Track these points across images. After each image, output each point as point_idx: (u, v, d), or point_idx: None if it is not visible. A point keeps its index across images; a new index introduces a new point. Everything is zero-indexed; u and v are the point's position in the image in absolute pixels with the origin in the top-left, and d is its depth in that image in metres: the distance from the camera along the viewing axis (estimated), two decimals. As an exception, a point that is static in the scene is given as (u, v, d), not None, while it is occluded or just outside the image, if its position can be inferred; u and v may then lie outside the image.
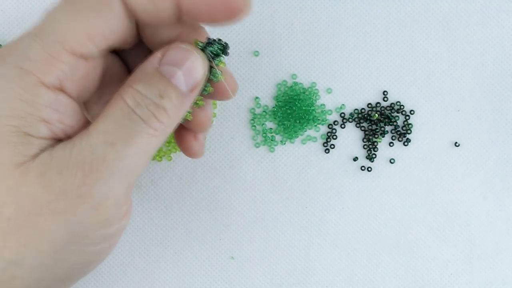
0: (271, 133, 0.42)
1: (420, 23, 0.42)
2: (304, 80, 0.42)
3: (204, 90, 0.30)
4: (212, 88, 0.30)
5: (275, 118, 0.42)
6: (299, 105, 0.42)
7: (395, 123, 0.42)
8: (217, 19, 0.28)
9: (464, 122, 0.42)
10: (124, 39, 0.30)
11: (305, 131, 0.42)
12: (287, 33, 0.42)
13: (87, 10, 0.26)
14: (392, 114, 0.42)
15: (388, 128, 0.43)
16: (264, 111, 0.42)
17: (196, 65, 0.28)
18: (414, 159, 0.42)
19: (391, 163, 0.42)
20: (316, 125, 0.42)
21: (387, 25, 0.42)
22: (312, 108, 0.42)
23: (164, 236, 0.42)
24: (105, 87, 0.32)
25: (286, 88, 0.42)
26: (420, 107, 0.42)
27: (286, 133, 0.42)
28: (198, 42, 0.29)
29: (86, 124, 0.28)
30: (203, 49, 0.29)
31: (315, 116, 0.42)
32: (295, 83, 0.42)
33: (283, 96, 0.42)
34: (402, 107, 0.42)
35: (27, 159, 0.26)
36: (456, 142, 0.42)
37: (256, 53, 0.42)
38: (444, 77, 0.42)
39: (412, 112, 0.42)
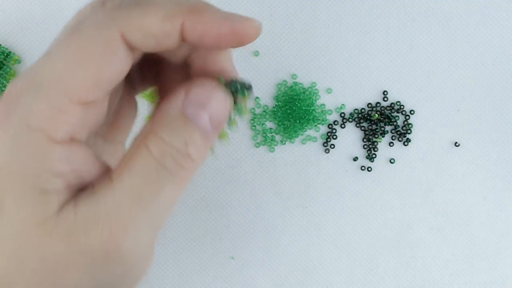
0: (271, 133, 0.42)
1: (420, 23, 0.42)
2: (304, 80, 0.42)
3: (229, 125, 0.29)
4: (236, 123, 0.30)
5: (275, 118, 0.42)
6: (299, 105, 0.42)
7: (395, 123, 0.42)
8: (225, 47, 0.27)
9: (464, 122, 0.42)
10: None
11: (305, 131, 0.42)
12: (287, 33, 0.42)
13: (89, 57, 0.25)
14: (392, 114, 0.42)
15: (388, 128, 0.43)
16: (264, 111, 0.42)
17: (221, 104, 0.28)
18: (414, 159, 0.42)
19: (391, 163, 0.42)
20: (316, 125, 0.42)
21: (387, 25, 0.42)
22: (312, 108, 0.42)
23: (164, 236, 0.42)
24: (112, 110, 0.31)
25: (286, 88, 0.42)
26: (420, 107, 0.42)
27: (286, 133, 0.42)
28: (221, 78, 0.28)
29: (100, 166, 0.28)
30: (225, 85, 0.28)
31: (315, 116, 0.42)
32: (295, 83, 0.42)
33: (283, 96, 0.42)
34: (402, 107, 0.42)
35: (49, 215, 0.26)
36: (456, 142, 0.42)
37: (256, 53, 0.42)
38: (444, 77, 0.42)
39: (412, 112, 0.42)
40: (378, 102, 0.42)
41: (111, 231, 0.26)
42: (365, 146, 0.42)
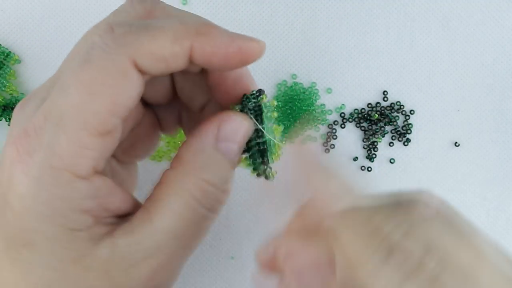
0: (271, 133, 0.42)
1: (420, 23, 0.42)
2: (304, 80, 0.42)
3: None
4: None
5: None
6: (299, 105, 0.42)
7: (395, 123, 0.42)
8: (231, 67, 0.27)
9: (464, 122, 0.42)
10: (160, 99, 0.30)
11: (305, 131, 0.42)
12: (287, 33, 0.42)
13: (103, 88, 0.24)
14: (392, 114, 0.42)
15: (388, 128, 0.43)
16: (264, 111, 0.42)
17: (248, 134, 0.28)
18: (414, 159, 0.42)
19: (391, 163, 0.42)
20: (316, 125, 0.42)
21: (387, 25, 0.42)
22: (312, 108, 0.42)
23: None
24: (125, 128, 0.31)
25: (286, 88, 0.42)
26: (420, 107, 0.42)
27: (286, 133, 0.42)
28: (235, 107, 0.28)
29: (122, 194, 0.28)
30: (241, 110, 0.28)
31: (315, 116, 0.42)
32: (295, 83, 0.42)
33: (283, 96, 0.42)
34: (402, 107, 0.42)
35: (85, 251, 0.26)
36: (456, 142, 0.42)
37: (256, 53, 0.42)
38: (444, 77, 0.42)
39: (412, 112, 0.42)
40: (378, 102, 0.42)
41: (153, 270, 0.26)
42: (365, 146, 0.42)
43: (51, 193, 0.25)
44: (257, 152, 0.29)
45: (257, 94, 0.28)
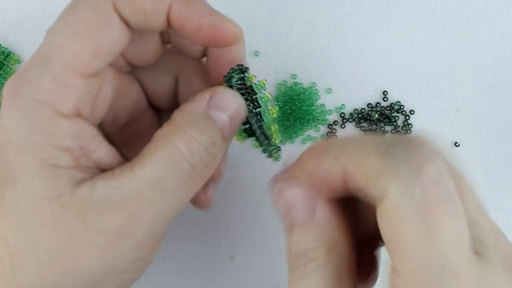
0: (271, 133, 0.42)
1: (420, 23, 0.42)
2: (304, 80, 0.42)
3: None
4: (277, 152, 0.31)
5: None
6: (299, 105, 0.42)
7: (395, 123, 0.42)
8: (204, 41, 0.28)
9: (464, 122, 0.42)
10: (146, 59, 0.30)
11: (305, 131, 0.42)
12: (287, 33, 0.42)
13: (87, 29, 0.26)
14: (392, 114, 0.42)
15: (388, 128, 0.43)
16: (264, 111, 0.42)
17: (239, 111, 0.29)
18: (414, 159, 0.42)
19: (391, 163, 0.42)
20: (316, 125, 0.42)
21: (387, 25, 0.42)
22: (312, 108, 0.42)
23: (164, 236, 0.42)
24: (119, 107, 0.32)
25: (286, 88, 0.42)
26: (420, 107, 0.42)
27: (286, 133, 0.42)
28: (223, 83, 0.29)
29: (107, 148, 0.28)
30: (230, 86, 0.29)
31: (315, 116, 0.42)
32: (295, 83, 0.42)
33: (283, 96, 0.42)
34: (402, 107, 0.42)
35: (64, 190, 0.26)
36: (456, 142, 0.42)
37: (256, 53, 0.42)
38: (444, 77, 0.42)
39: (412, 112, 0.42)
40: (378, 102, 0.42)
41: (128, 216, 0.26)
42: (365, 146, 0.42)
43: (33, 125, 0.26)
44: (261, 135, 0.30)
45: (239, 68, 0.29)
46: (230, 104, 0.28)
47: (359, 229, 0.27)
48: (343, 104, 0.42)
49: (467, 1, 0.42)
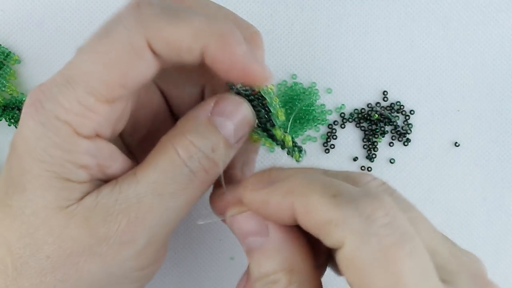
0: (271, 133, 0.42)
1: (420, 23, 0.42)
2: (304, 80, 0.42)
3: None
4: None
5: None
6: (299, 105, 0.42)
7: (395, 123, 0.42)
8: (234, 80, 0.27)
9: (464, 122, 0.42)
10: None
11: (305, 131, 0.42)
12: (287, 33, 0.42)
13: (118, 62, 0.26)
14: (392, 114, 0.42)
15: (388, 128, 0.43)
16: (264, 111, 0.42)
17: (246, 118, 0.29)
18: (414, 159, 0.42)
19: (391, 163, 0.42)
20: (316, 125, 0.42)
21: (387, 25, 0.42)
22: (312, 108, 0.42)
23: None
24: (138, 117, 0.32)
25: (286, 88, 0.42)
26: (420, 107, 0.42)
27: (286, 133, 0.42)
28: (232, 86, 0.29)
29: (124, 162, 0.28)
30: (238, 92, 0.29)
31: (315, 116, 0.42)
32: (295, 83, 0.42)
33: (283, 96, 0.42)
34: (402, 107, 0.42)
35: (71, 202, 0.26)
36: (456, 142, 0.42)
37: (256, 53, 0.42)
38: (444, 77, 0.42)
39: (412, 112, 0.42)
40: (378, 102, 0.42)
41: (129, 222, 0.26)
42: (365, 146, 0.42)
43: (52, 141, 0.26)
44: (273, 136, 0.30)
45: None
46: (236, 111, 0.28)
47: (317, 248, 0.27)
48: (343, 104, 0.42)
49: (467, 1, 0.42)
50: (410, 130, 0.42)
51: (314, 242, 0.26)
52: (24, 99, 0.40)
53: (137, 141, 0.33)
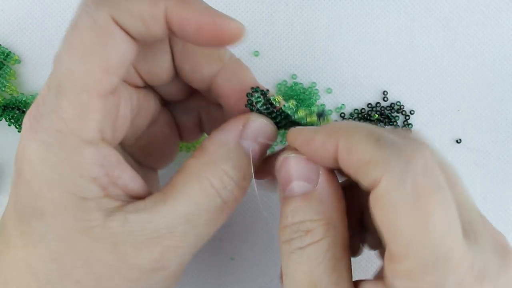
0: (271, 133, 0.42)
1: (420, 23, 0.42)
2: (304, 80, 0.42)
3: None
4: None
5: (275, 118, 0.42)
6: (299, 105, 0.42)
7: (395, 123, 0.42)
8: (205, 41, 0.27)
9: (464, 122, 0.42)
10: (160, 77, 0.30)
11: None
12: (287, 33, 0.42)
13: (92, 47, 0.25)
14: (392, 114, 0.42)
15: (388, 128, 0.43)
16: (264, 111, 0.42)
17: (270, 138, 0.29)
18: (414, 159, 0.42)
19: (391, 163, 0.42)
20: (316, 125, 0.42)
21: (387, 25, 0.42)
22: (311, 108, 0.42)
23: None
24: (139, 122, 0.32)
25: (286, 88, 0.42)
26: (420, 107, 0.42)
27: (286, 133, 0.42)
28: (252, 107, 0.29)
29: (132, 172, 0.28)
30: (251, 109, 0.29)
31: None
32: (295, 83, 0.42)
33: (283, 96, 0.42)
34: (402, 107, 0.42)
35: (95, 223, 0.26)
36: (458, 140, 0.42)
37: (256, 53, 0.42)
38: (444, 77, 0.42)
39: (412, 112, 0.42)
40: (378, 102, 0.42)
41: (163, 252, 0.26)
42: (365, 146, 0.42)
43: (58, 157, 0.25)
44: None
45: (256, 91, 0.29)
46: (263, 133, 0.29)
47: (351, 206, 0.27)
48: (343, 104, 0.42)
49: (467, 1, 0.42)
50: (410, 130, 0.42)
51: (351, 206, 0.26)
52: (24, 99, 0.40)
53: (135, 140, 0.33)
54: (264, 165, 0.31)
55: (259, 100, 0.29)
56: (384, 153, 0.23)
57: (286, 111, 0.29)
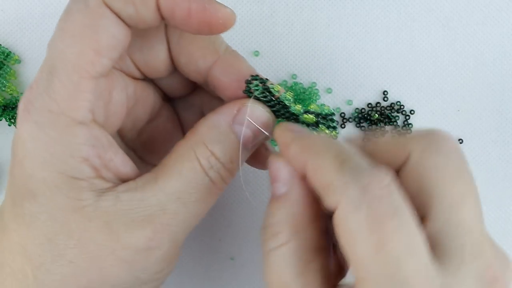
0: (271, 133, 0.42)
1: (420, 23, 0.42)
2: (304, 80, 0.42)
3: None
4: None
5: (275, 118, 0.42)
6: (296, 99, 0.42)
7: (395, 123, 0.42)
8: (196, 28, 0.27)
9: (464, 122, 0.42)
10: (157, 69, 0.30)
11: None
12: (287, 33, 0.42)
13: (83, 29, 0.26)
14: (392, 114, 0.42)
15: (388, 128, 0.43)
16: (264, 111, 0.42)
17: (264, 126, 0.29)
18: (414, 159, 0.42)
19: (391, 163, 0.42)
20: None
21: (387, 25, 0.42)
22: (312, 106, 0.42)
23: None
24: (137, 113, 0.32)
25: (286, 88, 0.42)
26: (420, 107, 0.42)
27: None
28: (250, 93, 0.29)
29: (124, 156, 0.28)
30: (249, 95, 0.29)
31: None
32: (295, 83, 0.42)
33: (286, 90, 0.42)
34: (402, 107, 0.42)
35: (87, 202, 0.26)
36: (459, 139, 0.42)
37: (256, 53, 0.42)
38: (444, 77, 0.42)
39: (412, 112, 0.42)
40: (378, 102, 0.42)
41: (155, 230, 0.26)
42: (365, 146, 0.42)
43: (49, 136, 0.25)
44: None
45: (255, 79, 0.29)
46: (256, 119, 0.29)
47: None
48: (350, 100, 0.42)
49: (467, 1, 0.42)
50: (410, 130, 0.42)
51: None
52: (24, 99, 0.40)
53: (136, 134, 0.33)
54: (259, 155, 0.31)
55: (257, 88, 0.29)
56: (343, 178, 0.23)
57: (283, 100, 0.29)
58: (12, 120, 0.40)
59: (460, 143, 0.42)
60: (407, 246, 0.22)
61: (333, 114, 0.30)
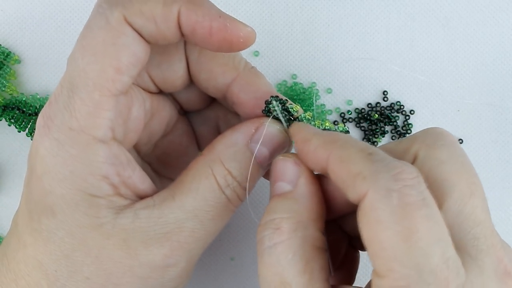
0: (271, 133, 0.42)
1: (420, 23, 0.42)
2: (304, 80, 0.42)
3: None
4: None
5: (275, 118, 0.42)
6: (315, 116, 0.42)
7: (395, 123, 0.42)
8: (217, 46, 0.27)
9: (464, 122, 0.42)
10: (173, 84, 0.30)
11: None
12: (287, 33, 0.42)
13: (104, 47, 0.26)
14: (392, 114, 0.42)
15: (388, 128, 0.43)
16: (264, 111, 0.42)
17: (281, 145, 0.29)
18: (414, 159, 0.42)
19: (391, 163, 0.42)
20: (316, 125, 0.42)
21: (387, 25, 0.42)
22: (312, 108, 0.42)
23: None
24: (153, 127, 0.32)
25: (286, 88, 0.42)
26: (420, 107, 0.42)
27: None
28: (268, 113, 0.29)
29: (142, 173, 0.28)
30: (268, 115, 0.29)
31: (314, 116, 0.42)
32: (295, 83, 0.42)
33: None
34: (402, 107, 0.42)
35: (105, 220, 0.26)
36: (459, 139, 0.42)
37: (256, 53, 0.42)
38: (444, 77, 0.42)
39: (412, 112, 0.42)
40: (378, 102, 0.42)
41: (172, 247, 0.27)
42: (365, 146, 0.42)
43: (69, 154, 0.25)
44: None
45: (276, 99, 0.29)
46: (274, 140, 0.29)
47: (331, 209, 0.27)
48: (350, 100, 0.42)
49: (467, 1, 0.42)
50: (410, 130, 0.42)
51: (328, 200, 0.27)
52: (24, 99, 0.40)
53: (151, 148, 0.33)
54: None
55: (276, 108, 0.29)
56: (373, 166, 0.23)
57: (302, 120, 0.29)
58: (12, 120, 0.40)
59: (460, 143, 0.42)
60: (436, 235, 0.21)
61: (347, 132, 0.30)
